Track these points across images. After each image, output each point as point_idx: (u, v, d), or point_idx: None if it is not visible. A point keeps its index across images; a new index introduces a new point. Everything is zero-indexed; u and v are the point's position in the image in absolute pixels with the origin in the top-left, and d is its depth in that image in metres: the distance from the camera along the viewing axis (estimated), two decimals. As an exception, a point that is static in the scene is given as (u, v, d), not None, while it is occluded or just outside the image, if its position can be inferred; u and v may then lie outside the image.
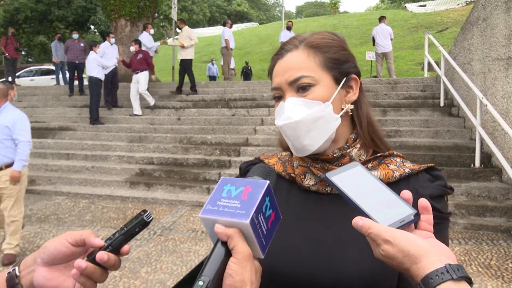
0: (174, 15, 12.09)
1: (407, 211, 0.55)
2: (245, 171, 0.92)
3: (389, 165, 0.80)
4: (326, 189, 0.80)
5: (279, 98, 0.81)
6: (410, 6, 30.08)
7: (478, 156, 5.49)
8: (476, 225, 4.53)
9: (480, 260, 3.77)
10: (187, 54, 9.63)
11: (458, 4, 25.07)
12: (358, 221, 0.54)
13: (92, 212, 5.37)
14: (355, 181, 0.60)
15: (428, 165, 0.81)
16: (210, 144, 7.37)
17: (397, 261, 0.51)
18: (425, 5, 29.35)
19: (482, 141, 5.47)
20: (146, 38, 9.84)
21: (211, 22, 47.33)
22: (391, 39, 10.47)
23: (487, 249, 4.02)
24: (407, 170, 0.79)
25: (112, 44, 9.47)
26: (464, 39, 6.60)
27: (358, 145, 0.80)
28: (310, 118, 0.75)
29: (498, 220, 4.60)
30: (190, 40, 9.64)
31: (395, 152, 0.83)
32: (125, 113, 9.15)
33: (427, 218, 0.56)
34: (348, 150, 0.79)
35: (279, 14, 51.79)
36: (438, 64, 7.80)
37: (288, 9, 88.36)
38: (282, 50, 0.82)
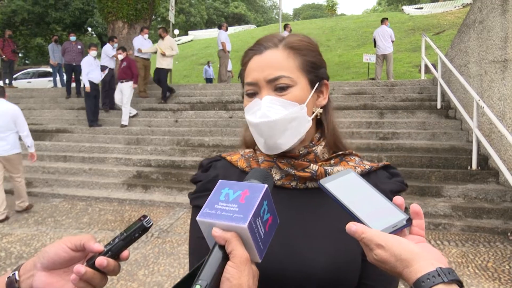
0: (171, 17, 12.09)
1: (400, 217, 0.56)
2: (207, 167, 0.91)
3: (349, 162, 0.85)
4: (292, 184, 0.81)
5: (252, 94, 0.81)
6: (407, 9, 30.21)
7: (475, 158, 5.52)
8: (473, 227, 4.55)
9: (477, 262, 3.79)
10: (167, 64, 9.40)
11: (455, 7, 25.19)
12: (351, 226, 0.55)
13: (89, 215, 5.36)
14: (348, 187, 0.61)
15: (385, 163, 0.86)
16: (207, 146, 7.37)
17: (389, 265, 0.52)
18: (422, 8, 29.45)
19: (479, 143, 5.50)
20: (138, 42, 9.73)
21: (209, 24, 47.35)
22: (392, 41, 10.45)
23: (484, 251, 4.03)
24: (367, 167, 0.84)
25: (113, 48, 9.46)
26: (461, 42, 6.64)
27: (323, 143, 0.84)
28: (287, 118, 0.77)
29: (495, 222, 4.62)
30: (171, 50, 9.42)
31: (354, 152, 0.88)
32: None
33: (419, 223, 0.57)
34: (313, 148, 0.83)
35: (277, 17, 51.78)
36: (435, 66, 7.84)
37: (285, 11, 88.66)
38: (260, 46, 0.82)
